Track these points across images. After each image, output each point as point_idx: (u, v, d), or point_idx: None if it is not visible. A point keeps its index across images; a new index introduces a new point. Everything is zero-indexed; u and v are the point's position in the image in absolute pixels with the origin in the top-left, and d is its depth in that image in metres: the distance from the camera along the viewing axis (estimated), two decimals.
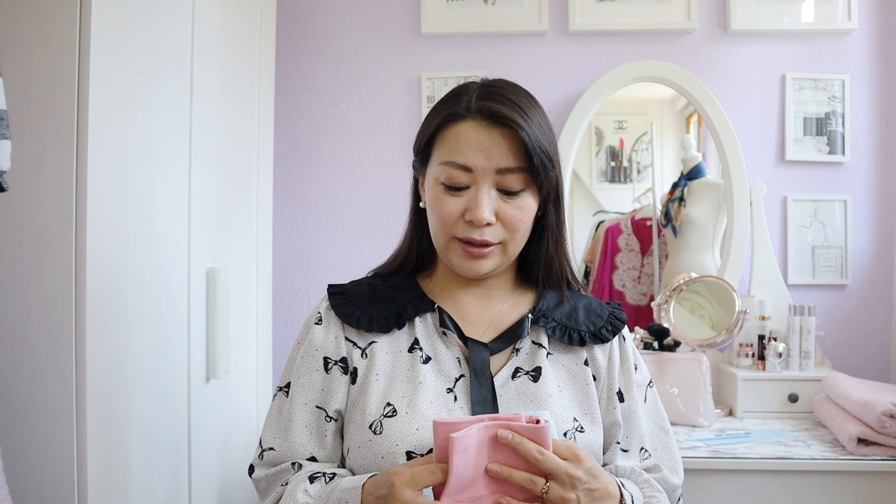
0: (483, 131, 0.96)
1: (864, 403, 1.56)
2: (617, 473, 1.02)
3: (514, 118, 0.95)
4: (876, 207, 2.10)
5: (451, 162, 0.97)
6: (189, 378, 1.38)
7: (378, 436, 0.95)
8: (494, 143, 0.96)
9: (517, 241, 1.01)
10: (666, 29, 2.10)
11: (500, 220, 0.98)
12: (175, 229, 1.34)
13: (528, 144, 0.95)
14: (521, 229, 1.00)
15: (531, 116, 0.98)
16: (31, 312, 1.07)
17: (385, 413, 0.96)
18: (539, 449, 0.84)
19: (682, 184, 2.17)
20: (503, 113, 0.96)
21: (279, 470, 1.02)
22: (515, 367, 1.02)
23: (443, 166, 0.98)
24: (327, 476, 0.97)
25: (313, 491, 0.95)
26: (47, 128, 1.07)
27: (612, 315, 1.08)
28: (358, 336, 1.04)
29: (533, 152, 0.95)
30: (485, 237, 0.97)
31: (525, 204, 0.99)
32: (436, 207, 1.00)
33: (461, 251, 1.00)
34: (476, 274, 1.01)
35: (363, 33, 2.15)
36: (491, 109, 0.96)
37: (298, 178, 2.16)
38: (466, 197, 0.98)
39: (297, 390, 1.03)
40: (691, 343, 1.93)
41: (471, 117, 0.97)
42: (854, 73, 2.09)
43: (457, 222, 0.98)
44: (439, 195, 0.99)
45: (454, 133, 0.98)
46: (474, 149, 0.96)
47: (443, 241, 1.01)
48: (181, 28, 1.36)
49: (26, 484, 1.06)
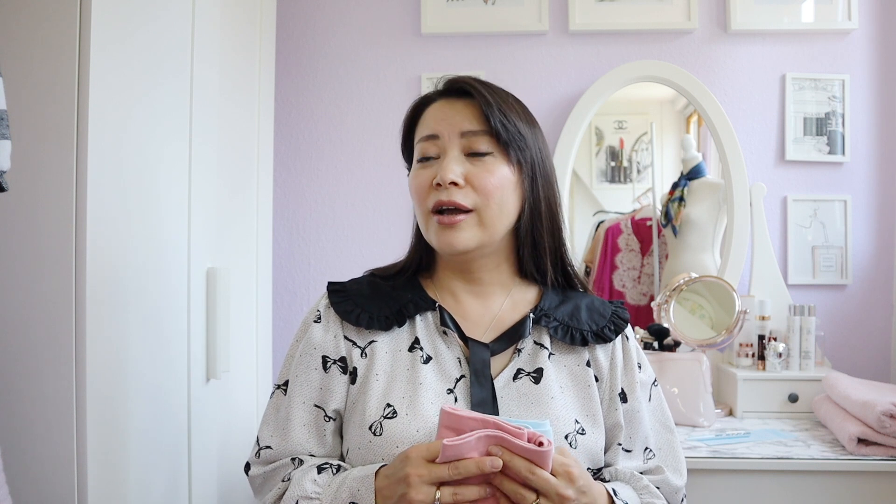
0: (447, 104, 1.03)
1: (864, 403, 1.56)
2: (616, 477, 1.01)
3: (475, 86, 1.02)
4: (876, 207, 2.10)
5: (421, 137, 1.03)
6: (189, 378, 1.38)
7: (378, 437, 0.95)
8: (457, 111, 1.02)
9: (492, 209, 0.99)
10: (666, 29, 2.10)
11: (469, 184, 0.99)
12: (175, 229, 1.34)
13: (485, 108, 0.99)
14: (494, 196, 0.99)
15: (496, 91, 1.03)
16: (31, 312, 1.07)
17: (385, 414, 0.96)
18: (529, 468, 0.84)
19: (682, 184, 2.17)
20: (464, 84, 1.03)
21: (277, 466, 1.01)
22: (517, 368, 1.01)
23: (417, 146, 1.05)
24: (334, 467, 0.96)
25: (322, 480, 0.94)
26: (47, 128, 1.07)
27: (614, 314, 1.07)
28: (357, 335, 1.03)
29: (492, 115, 0.99)
30: (452, 197, 0.98)
31: (495, 169, 1.00)
32: (412, 184, 1.04)
33: (437, 225, 1.00)
34: (454, 248, 0.99)
35: (363, 33, 2.15)
36: (454, 85, 1.04)
37: (298, 178, 2.16)
38: (437, 166, 1.01)
39: (296, 389, 1.03)
40: (691, 343, 1.93)
41: (438, 97, 1.05)
42: (854, 73, 2.09)
43: (428, 192, 1.00)
44: (415, 172, 1.04)
45: (425, 116, 1.05)
46: (438, 118, 1.02)
47: (423, 220, 1.03)
48: (181, 28, 1.35)
49: (26, 484, 1.05)
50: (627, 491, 0.98)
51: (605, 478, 1.01)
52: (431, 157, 1.02)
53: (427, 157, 1.02)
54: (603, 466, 1.03)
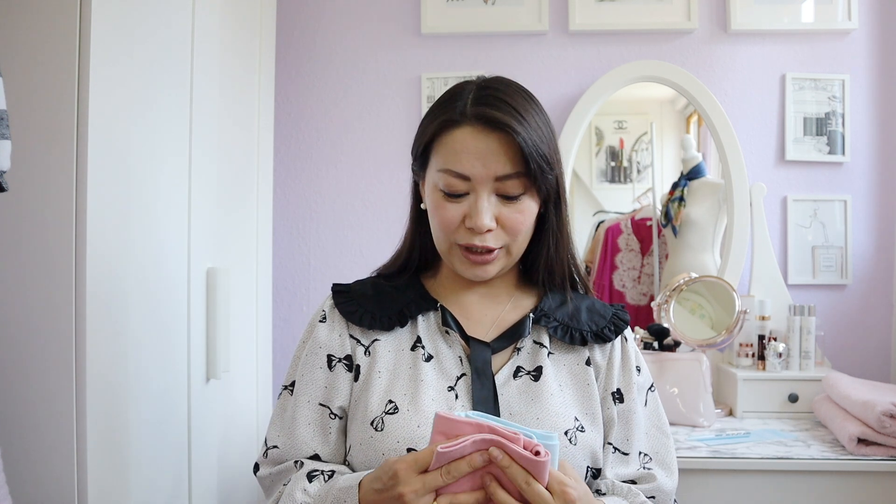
0: (480, 137, 0.95)
1: (864, 403, 1.56)
2: (614, 491, 1.00)
3: (510, 123, 0.94)
4: (876, 207, 2.10)
5: (449, 170, 0.96)
6: (189, 378, 1.38)
7: (379, 432, 0.96)
8: (492, 150, 0.95)
9: (519, 243, 1.01)
10: (666, 29, 2.10)
11: (500, 225, 0.98)
12: (175, 229, 1.34)
13: (525, 150, 0.94)
14: (522, 232, 1.00)
15: (528, 119, 0.96)
16: (31, 312, 1.07)
17: (387, 410, 0.97)
18: (526, 479, 0.81)
19: (682, 184, 2.17)
20: (498, 118, 0.94)
21: (282, 469, 1.02)
22: (517, 366, 1.02)
23: (441, 174, 0.98)
24: (325, 474, 0.96)
25: (312, 490, 0.95)
26: (47, 128, 1.07)
27: (615, 315, 1.08)
28: (361, 334, 1.04)
29: (530, 157, 0.95)
30: (486, 243, 0.98)
31: (525, 207, 0.99)
32: (437, 214, 1.00)
33: (463, 258, 1.00)
34: (481, 279, 1.02)
35: (363, 33, 2.15)
36: (486, 115, 0.95)
37: (298, 177, 2.16)
38: (466, 203, 0.97)
39: (301, 388, 1.04)
40: (691, 343, 1.93)
41: (466, 123, 0.96)
42: (854, 73, 2.09)
43: (458, 228, 0.98)
44: (439, 202, 0.99)
45: (450, 140, 0.97)
46: (472, 157, 0.95)
47: (445, 247, 1.02)
48: (182, 24, 1.35)
49: (26, 484, 1.06)
50: None
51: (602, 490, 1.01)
52: (460, 194, 0.98)
53: (455, 193, 0.98)
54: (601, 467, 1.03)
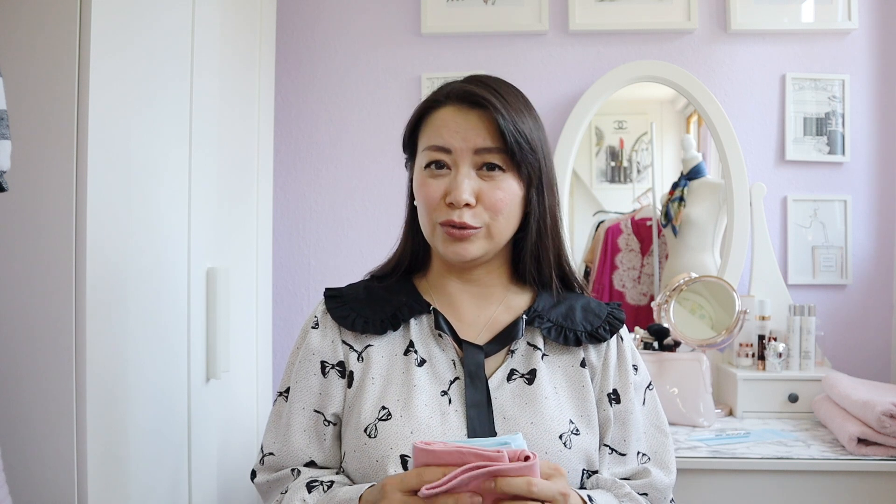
0: (460, 114, 1.00)
1: (864, 403, 1.56)
2: (598, 485, 1.00)
3: (490, 99, 0.98)
4: (876, 207, 2.10)
5: (432, 146, 1.00)
6: (189, 378, 1.38)
7: (372, 439, 0.95)
8: (471, 125, 0.99)
9: (500, 223, 1.00)
10: (666, 29, 2.10)
11: (481, 202, 0.99)
12: (175, 229, 1.34)
13: (501, 124, 0.97)
14: (503, 211, 0.99)
15: (509, 101, 1.00)
16: (31, 312, 1.07)
17: (380, 416, 0.96)
18: (528, 481, 0.81)
19: (682, 184, 2.17)
20: (478, 93, 0.99)
21: (279, 477, 1.02)
22: (511, 369, 1.01)
23: (425, 152, 1.01)
24: (325, 485, 0.96)
25: (311, 500, 0.95)
26: (47, 128, 1.07)
27: (610, 315, 1.07)
28: (354, 339, 1.04)
29: (507, 131, 0.97)
30: (464, 219, 0.98)
31: (506, 186, 0.99)
32: (420, 192, 1.02)
33: (445, 235, 1.00)
34: (461, 258, 1.00)
35: (363, 33, 2.15)
36: (467, 91, 1.00)
37: (298, 178, 2.16)
38: (447, 179, 0.99)
39: (296, 395, 1.03)
40: (691, 343, 1.93)
41: (449, 103, 1.01)
42: (854, 73, 2.09)
43: (439, 205, 1.00)
44: (423, 180, 1.02)
45: (433, 119, 1.02)
46: (452, 130, 0.99)
47: (430, 229, 1.02)
48: (182, 25, 1.35)
49: (26, 484, 1.05)
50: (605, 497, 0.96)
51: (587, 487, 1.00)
52: (441, 166, 1.00)
53: (436, 162, 1.00)
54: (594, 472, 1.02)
